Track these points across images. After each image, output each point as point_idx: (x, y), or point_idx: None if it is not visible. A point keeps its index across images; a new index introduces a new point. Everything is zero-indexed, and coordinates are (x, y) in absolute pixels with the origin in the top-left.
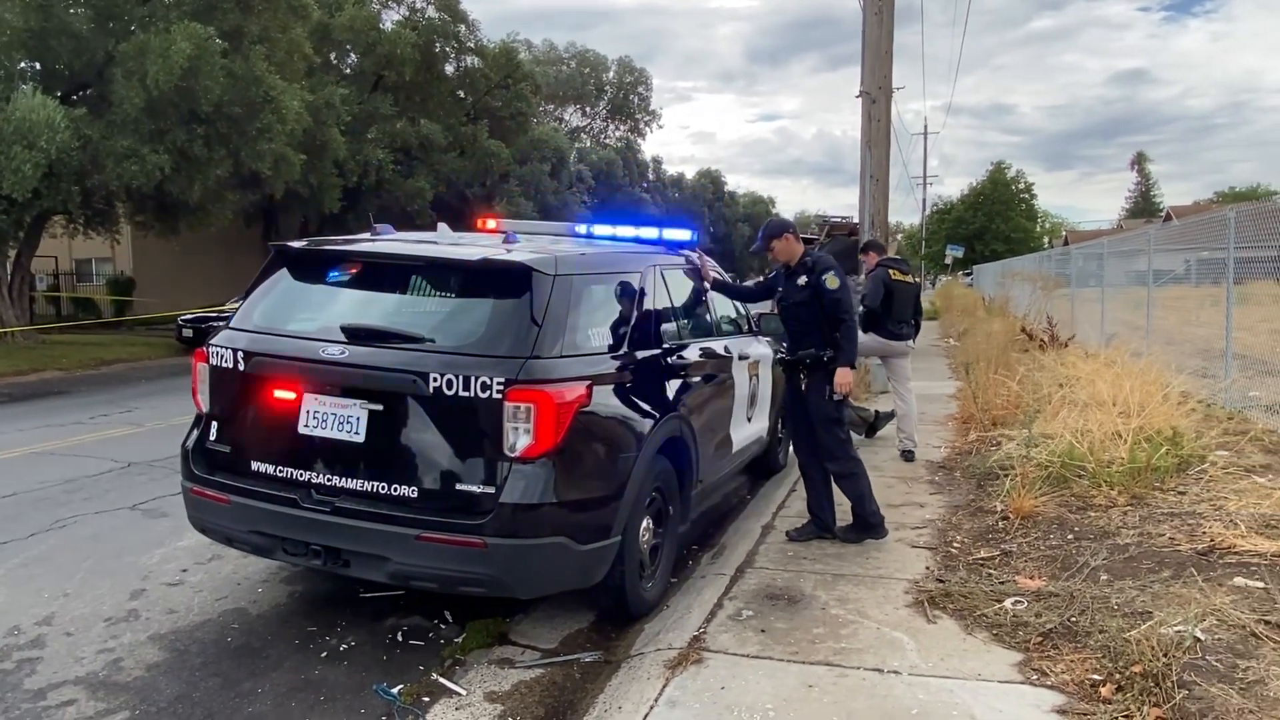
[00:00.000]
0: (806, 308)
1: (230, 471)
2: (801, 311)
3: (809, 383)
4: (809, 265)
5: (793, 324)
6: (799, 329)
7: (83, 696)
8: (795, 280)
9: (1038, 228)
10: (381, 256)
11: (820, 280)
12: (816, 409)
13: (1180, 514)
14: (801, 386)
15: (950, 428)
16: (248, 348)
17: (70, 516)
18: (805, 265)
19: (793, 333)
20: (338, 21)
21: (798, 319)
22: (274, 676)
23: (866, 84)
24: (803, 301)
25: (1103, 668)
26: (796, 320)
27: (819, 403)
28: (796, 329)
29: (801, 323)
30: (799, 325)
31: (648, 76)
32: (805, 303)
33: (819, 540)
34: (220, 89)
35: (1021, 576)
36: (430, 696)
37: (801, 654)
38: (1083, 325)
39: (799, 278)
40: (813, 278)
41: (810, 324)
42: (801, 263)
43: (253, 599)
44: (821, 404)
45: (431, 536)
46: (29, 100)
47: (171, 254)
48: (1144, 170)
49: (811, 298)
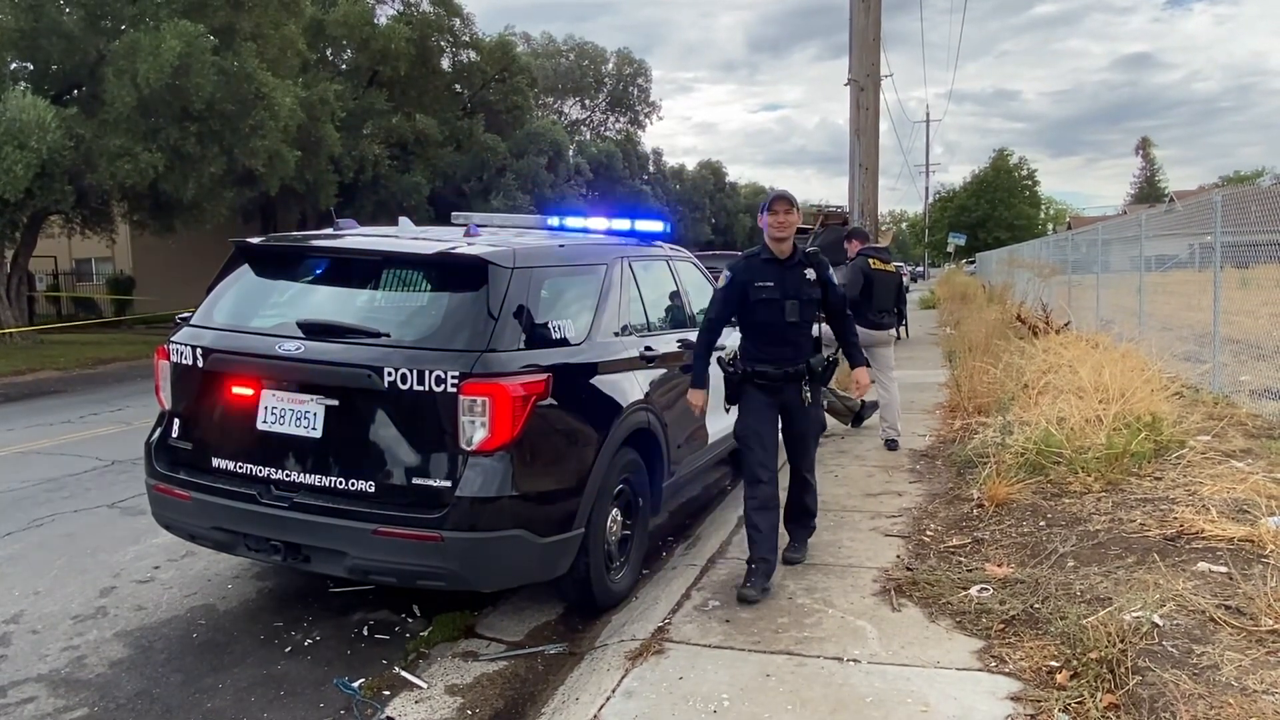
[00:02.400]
0: (813, 306)
1: (191, 468)
2: (808, 311)
3: (813, 393)
4: (810, 257)
5: (795, 326)
6: (802, 331)
7: (43, 694)
8: (801, 272)
9: (1042, 214)
10: (340, 251)
11: (829, 275)
12: (816, 419)
13: (1153, 500)
14: (806, 400)
15: (937, 416)
16: (207, 345)
17: (48, 515)
18: (808, 256)
19: (791, 339)
20: (331, 17)
21: (802, 319)
22: (236, 672)
23: (854, 72)
24: (814, 299)
25: (1061, 654)
26: (801, 320)
27: (818, 412)
28: (798, 333)
29: (804, 323)
30: (803, 326)
31: (647, 68)
32: (815, 300)
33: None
34: (212, 86)
35: (990, 564)
36: (391, 690)
37: (764, 644)
38: (1080, 312)
39: (805, 270)
40: (821, 272)
41: (809, 324)
42: (805, 253)
43: (222, 595)
44: (820, 412)
45: (389, 531)
46: (20, 100)
47: (170, 252)
48: (1149, 155)
49: (820, 294)
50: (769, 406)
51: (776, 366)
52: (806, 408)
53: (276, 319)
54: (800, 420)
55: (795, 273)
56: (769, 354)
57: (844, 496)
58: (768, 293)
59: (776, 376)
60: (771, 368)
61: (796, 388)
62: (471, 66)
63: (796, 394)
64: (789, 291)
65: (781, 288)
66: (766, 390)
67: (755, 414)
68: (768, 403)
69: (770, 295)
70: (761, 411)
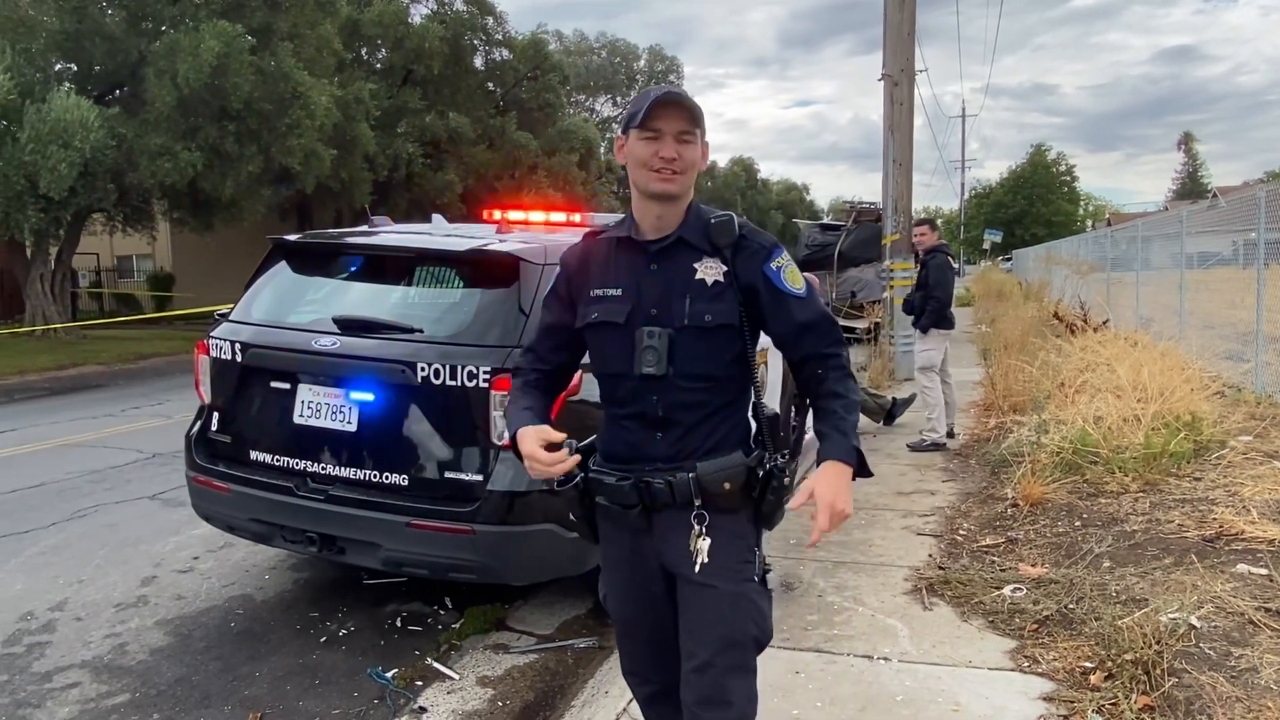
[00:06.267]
0: (724, 337)
1: (230, 460)
2: (699, 346)
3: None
4: (718, 229)
5: (657, 384)
6: (682, 392)
7: (87, 679)
8: (686, 265)
9: (1080, 211)
10: (375, 249)
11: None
12: (728, 604)
13: (1192, 500)
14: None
15: (971, 414)
16: (246, 340)
17: (91, 506)
18: (714, 229)
19: (657, 412)
20: (366, 17)
21: (679, 368)
22: (273, 660)
23: (888, 67)
24: (723, 325)
25: (1095, 655)
26: (677, 371)
27: (737, 595)
28: (670, 396)
29: (689, 377)
30: (684, 382)
31: (679, 64)
32: (725, 328)
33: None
34: (249, 86)
35: (1024, 564)
36: (424, 680)
37: (792, 641)
38: (1119, 309)
39: (699, 261)
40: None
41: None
42: (709, 223)
43: (259, 585)
44: (747, 604)
45: (421, 524)
46: (64, 101)
47: (209, 250)
48: (1191, 150)
49: (738, 310)
50: (631, 562)
51: (624, 473)
52: (706, 577)
53: (313, 315)
54: (691, 602)
55: (673, 265)
56: (619, 442)
57: (875, 495)
58: (608, 309)
59: (623, 497)
60: (615, 476)
61: (676, 525)
62: (504, 65)
63: (677, 539)
64: (647, 306)
65: (635, 296)
66: (617, 524)
67: (611, 573)
68: (628, 552)
69: (609, 316)
70: (619, 570)
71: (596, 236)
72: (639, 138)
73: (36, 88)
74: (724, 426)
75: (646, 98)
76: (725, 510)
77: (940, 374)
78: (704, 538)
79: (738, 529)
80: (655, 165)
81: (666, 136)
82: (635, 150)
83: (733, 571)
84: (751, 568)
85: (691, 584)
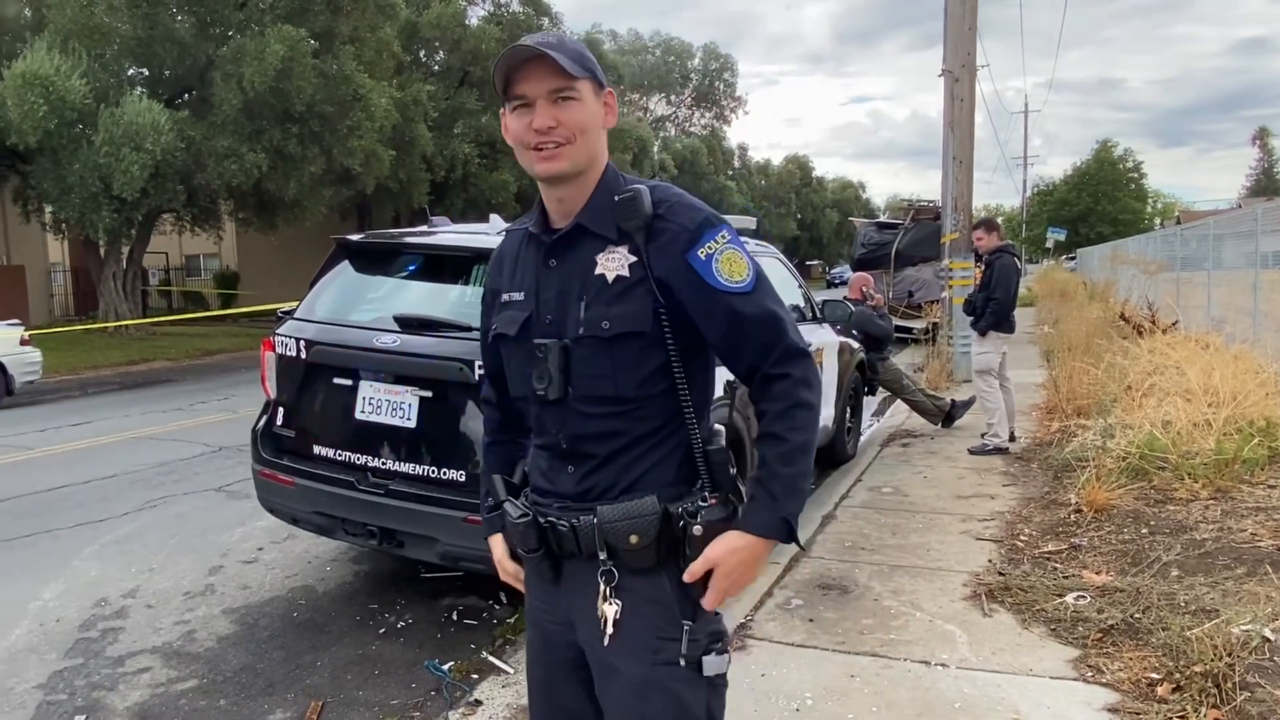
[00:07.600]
0: (640, 345)
1: (295, 455)
2: (604, 361)
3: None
4: (627, 207)
5: (554, 409)
6: (588, 415)
7: (157, 664)
8: (587, 260)
9: (1148, 208)
10: (434, 248)
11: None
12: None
13: (1266, 509)
14: (604, 623)
15: (1033, 418)
16: (310, 337)
17: (161, 497)
18: (626, 207)
19: (566, 442)
20: (425, 19)
21: (578, 388)
22: (334, 650)
23: (949, 62)
24: (634, 331)
25: (1162, 666)
26: (578, 393)
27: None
28: (576, 423)
29: (598, 401)
30: (590, 407)
31: (733, 62)
32: (636, 335)
33: (878, 531)
34: (312, 89)
35: (1088, 571)
36: (479, 674)
37: (848, 644)
38: (1189, 310)
39: (601, 252)
40: (668, 248)
41: (622, 401)
42: (620, 201)
43: (321, 577)
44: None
45: (478, 519)
46: (136, 105)
47: (272, 249)
48: (1267, 145)
49: (651, 315)
50: (540, 623)
51: (527, 509)
52: (611, 655)
53: (374, 313)
54: (601, 688)
55: (572, 259)
56: (535, 471)
57: (933, 499)
58: (508, 318)
59: (522, 537)
60: (518, 510)
61: (585, 582)
62: None
63: (584, 601)
64: (544, 313)
65: (534, 302)
66: (536, 579)
67: (529, 629)
68: (538, 606)
69: (505, 327)
70: (530, 628)
71: (510, 230)
72: (509, 112)
73: (110, 92)
74: (645, 461)
75: (500, 60)
76: (636, 571)
77: (999, 377)
78: (610, 602)
79: (653, 594)
80: (532, 141)
81: (538, 102)
82: (510, 128)
83: (644, 650)
84: (674, 646)
85: (601, 663)
